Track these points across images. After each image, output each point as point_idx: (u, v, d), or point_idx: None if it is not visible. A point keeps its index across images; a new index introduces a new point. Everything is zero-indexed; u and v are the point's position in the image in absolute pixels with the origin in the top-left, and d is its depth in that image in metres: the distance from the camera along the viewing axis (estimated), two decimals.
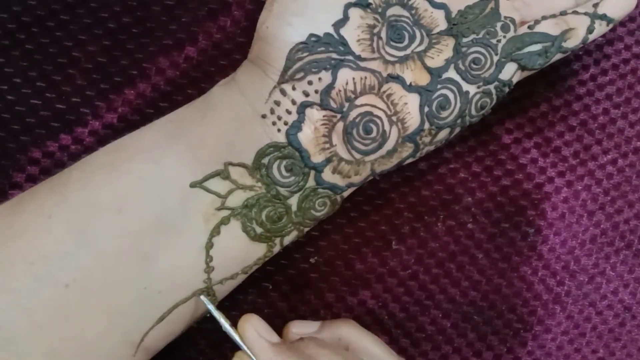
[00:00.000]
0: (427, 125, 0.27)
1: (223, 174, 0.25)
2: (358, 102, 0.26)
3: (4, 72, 0.32)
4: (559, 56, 0.29)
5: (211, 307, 0.25)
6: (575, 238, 0.34)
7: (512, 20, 0.28)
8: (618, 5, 0.29)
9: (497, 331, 0.34)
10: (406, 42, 0.27)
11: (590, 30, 0.28)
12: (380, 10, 0.26)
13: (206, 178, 0.25)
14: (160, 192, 0.24)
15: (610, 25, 0.29)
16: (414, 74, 0.27)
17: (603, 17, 0.28)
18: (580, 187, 0.34)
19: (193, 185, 0.25)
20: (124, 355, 0.25)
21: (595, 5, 0.28)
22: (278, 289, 0.33)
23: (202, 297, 0.25)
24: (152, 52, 0.33)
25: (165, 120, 0.26)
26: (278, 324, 0.33)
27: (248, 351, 0.25)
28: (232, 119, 0.25)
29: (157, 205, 0.24)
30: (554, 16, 0.28)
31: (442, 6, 0.27)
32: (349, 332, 0.29)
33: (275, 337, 0.27)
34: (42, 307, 0.23)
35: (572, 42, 0.28)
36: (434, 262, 0.34)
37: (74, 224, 0.24)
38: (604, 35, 0.35)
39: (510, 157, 0.34)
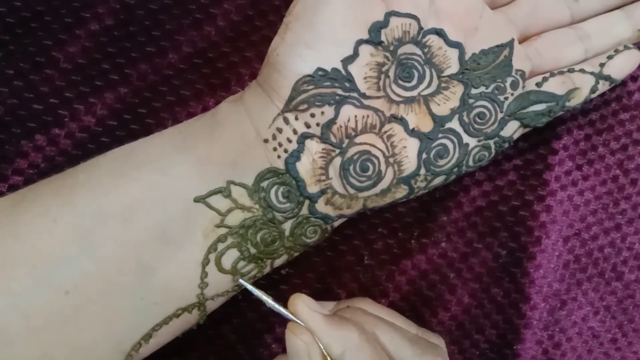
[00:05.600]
0: (423, 171, 0.27)
1: (225, 191, 0.25)
2: (358, 140, 0.26)
3: None
4: (560, 112, 0.29)
5: (253, 289, 0.26)
6: (549, 263, 0.34)
7: (522, 75, 0.28)
8: (624, 67, 0.29)
9: (464, 350, 0.34)
10: (414, 82, 0.27)
11: (593, 90, 0.29)
12: (392, 48, 0.26)
13: (210, 194, 0.25)
14: (166, 204, 0.25)
15: (612, 85, 0.30)
16: (417, 118, 0.27)
17: (607, 77, 0.29)
18: (558, 213, 0.34)
19: (197, 200, 0.25)
20: None
21: (602, 65, 0.29)
22: (248, 299, 0.33)
23: (242, 281, 0.26)
24: (134, 58, 0.33)
25: (175, 131, 0.26)
26: (247, 334, 0.33)
27: (301, 323, 0.26)
28: (237, 139, 0.26)
29: (162, 217, 0.25)
30: (561, 73, 0.29)
31: (457, 45, 0.27)
32: (368, 307, 0.29)
33: (325, 310, 0.27)
34: (40, 311, 0.23)
35: (575, 102, 0.29)
36: (405, 280, 0.34)
37: (79, 229, 0.24)
38: None
39: (488, 178, 0.34)
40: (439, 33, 0.27)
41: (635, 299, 0.34)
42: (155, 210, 0.24)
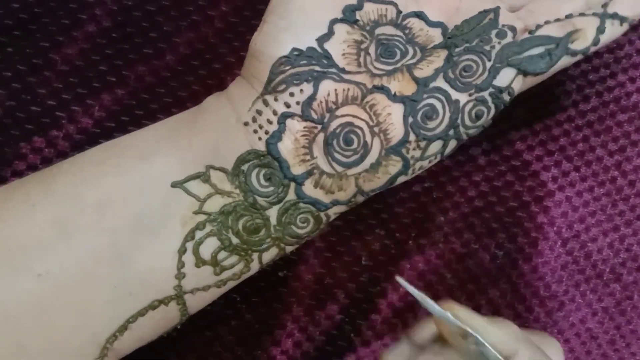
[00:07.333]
0: (412, 137, 0.26)
1: (204, 176, 0.25)
2: (339, 112, 0.25)
3: None
4: (567, 60, 0.26)
5: (407, 285, 0.25)
6: (546, 264, 0.34)
7: (512, 28, 0.27)
8: (630, 3, 0.27)
9: None
10: (397, 57, 0.26)
11: (600, 30, 0.26)
12: (368, 28, 0.26)
13: (187, 179, 0.25)
14: (143, 191, 0.24)
15: (625, 25, 0.27)
16: (400, 85, 0.26)
17: (614, 16, 0.26)
18: (556, 214, 0.34)
19: (174, 185, 0.25)
20: (89, 355, 0.25)
21: (605, 6, 0.27)
22: (246, 300, 0.33)
23: (398, 278, 0.25)
24: (131, 59, 0.33)
25: (161, 123, 0.27)
26: (245, 335, 0.33)
27: (469, 329, 0.24)
28: (218, 124, 0.26)
29: (139, 204, 0.24)
30: (558, 20, 0.27)
31: (439, 24, 0.27)
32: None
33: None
34: (15, 298, 0.23)
35: (581, 44, 0.26)
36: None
37: (57, 215, 0.24)
38: (589, 61, 0.35)
39: (485, 179, 0.34)
40: (419, 15, 0.27)
41: (634, 301, 0.34)
42: (133, 198, 0.24)
